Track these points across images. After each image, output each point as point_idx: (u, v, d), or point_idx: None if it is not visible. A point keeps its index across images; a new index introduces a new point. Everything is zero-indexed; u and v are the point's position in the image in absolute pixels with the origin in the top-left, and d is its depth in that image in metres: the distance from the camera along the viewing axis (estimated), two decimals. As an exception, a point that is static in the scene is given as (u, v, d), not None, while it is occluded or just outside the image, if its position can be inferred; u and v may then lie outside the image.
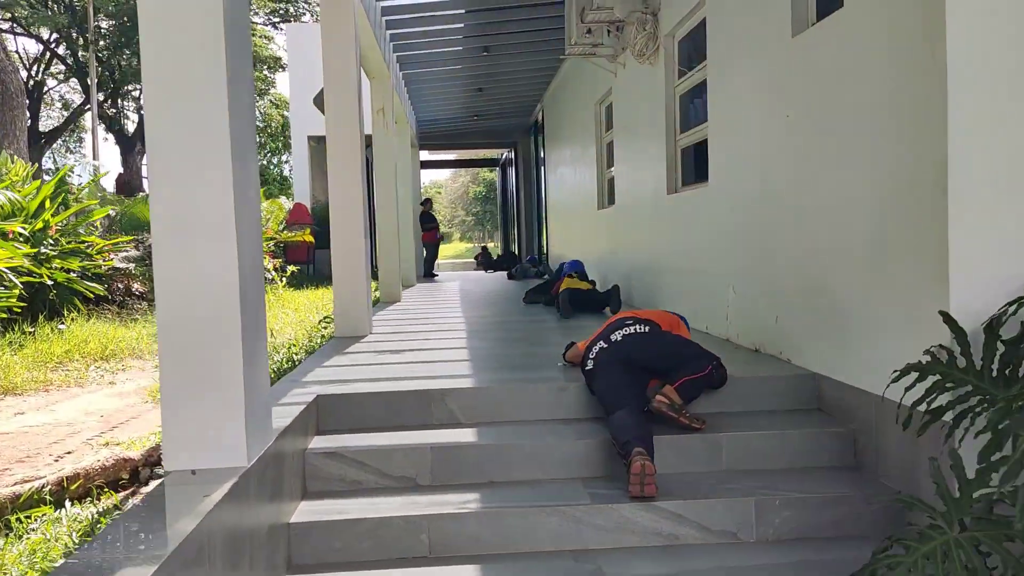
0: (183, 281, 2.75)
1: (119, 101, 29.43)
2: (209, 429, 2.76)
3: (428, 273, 18.20)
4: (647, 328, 4.26)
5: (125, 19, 24.84)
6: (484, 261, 22.50)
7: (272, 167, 35.43)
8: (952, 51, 2.96)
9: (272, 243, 16.31)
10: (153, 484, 4.24)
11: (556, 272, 10.29)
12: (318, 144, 18.34)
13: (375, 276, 11.09)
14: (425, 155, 24.18)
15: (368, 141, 9.73)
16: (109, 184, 21.99)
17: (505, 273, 17.36)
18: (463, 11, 10.18)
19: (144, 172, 29.08)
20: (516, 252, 23.18)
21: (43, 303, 9.35)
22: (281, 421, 3.46)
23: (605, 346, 4.18)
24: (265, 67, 32.62)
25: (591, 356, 4.19)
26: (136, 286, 10.82)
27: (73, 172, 13.38)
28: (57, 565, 1.92)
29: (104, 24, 26.39)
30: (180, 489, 2.58)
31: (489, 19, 10.64)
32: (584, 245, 11.96)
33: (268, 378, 3.18)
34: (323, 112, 6.76)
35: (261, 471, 2.94)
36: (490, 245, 56.35)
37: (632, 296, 8.37)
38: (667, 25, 6.90)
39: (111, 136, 31.06)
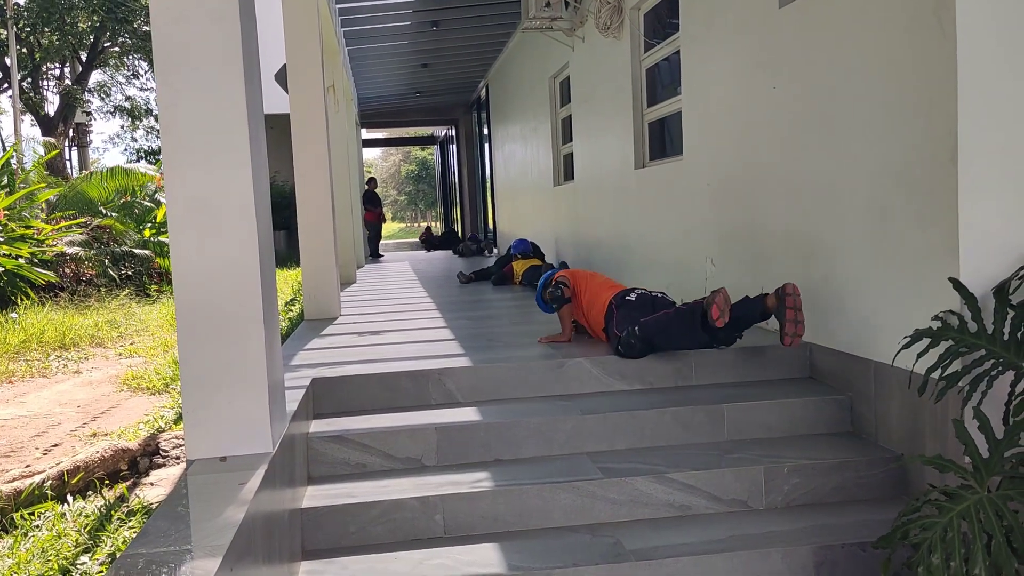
0: (203, 265, 2.64)
1: (39, 81, 28.13)
2: (235, 415, 2.67)
3: (374, 254, 17.98)
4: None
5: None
6: (428, 241, 22.58)
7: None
8: (962, 20, 3.02)
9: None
10: (154, 474, 4.10)
11: (506, 253, 10.32)
12: (269, 122, 17.81)
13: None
14: (364, 133, 23.84)
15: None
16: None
17: (450, 251, 18.02)
18: (415, -16, 10.01)
19: (67, 154, 27.97)
20: (459, 231, 23.16)
21: (-7, 291, 8.97)
22: (289, 405, 3.37)
23: (643, 291, 4.71)
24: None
25: (633, 294, 4.65)
26: (84, 271, 10.40)
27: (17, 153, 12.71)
28: (117, 559, 1.83)
29: (22, 1, 25.14)
30: (213, 477, 2.49)
31: (440, -8, 10.50)
32: (538, 222, 11.95)
33: (282, 362, 3.09)
34: (286, 90, 6.58)
35: (282, 457, 2.87)
36: (422, 224, 56.23)
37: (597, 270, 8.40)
38: (633, -2, 6.89)
39: (27, 117, 29.71)
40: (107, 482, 4.07)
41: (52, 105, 29.73)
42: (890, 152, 3.52)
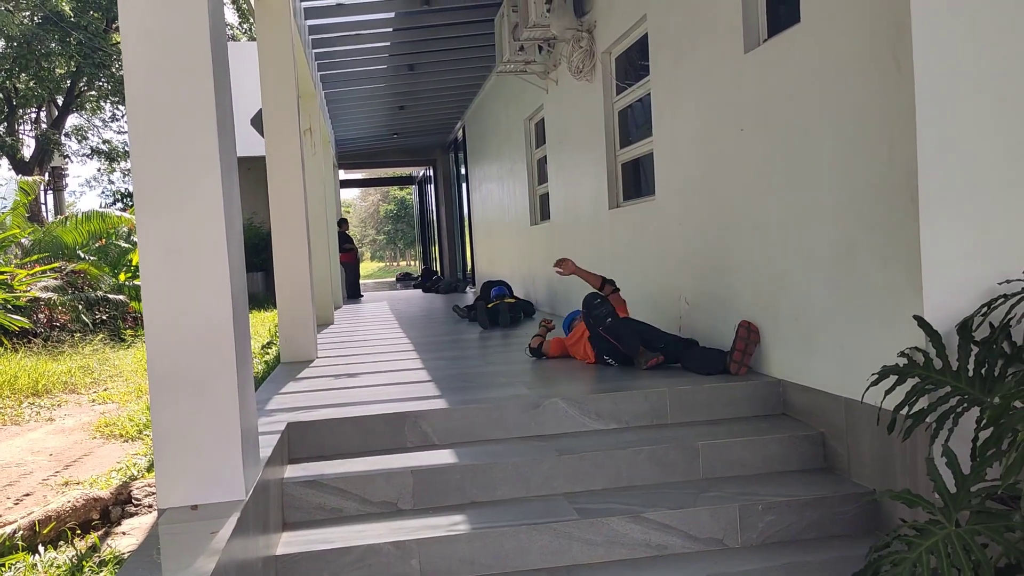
0: (175, 314, 2.65)
1: (15, 125, 28.04)
2: (206, 463, 2.66)
3: (352, 295, 17.94)
4: None
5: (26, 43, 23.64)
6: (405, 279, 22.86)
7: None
8: (919, 63, 3.11)
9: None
10: (126, 523, 4.05)
11: (483, 291, 10.39)
12: (246, 164, 17.85)
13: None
14: (341, 174, 23.91)
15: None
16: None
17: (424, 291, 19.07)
18: (391, 29, 10.14)
19: (42, 197, 27.81)
20: (439, 270, 23.30)
21: (-36, 339, 8.85)
22: (263, 451, 3.36)
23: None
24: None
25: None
26: (58, 316, 10.30)
27: None
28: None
29: (-1, 46, 25.19)
30: (185, 526, 2.48)
31: (416, 37, 10.63)
32: (516, 262, 12.01)
33: (256, 408, 3.09)
34: (262, 134, 6.62)
35: (255, 504, 2.86)
36: (402, 264, 56.58)
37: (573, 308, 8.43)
38: (604, 42, 7.03)
39: (4, 161, 29.50)
40: (79, 532, 4.01)
41: (28, 148, 29.60)
42: (853, 191, 3.60)
